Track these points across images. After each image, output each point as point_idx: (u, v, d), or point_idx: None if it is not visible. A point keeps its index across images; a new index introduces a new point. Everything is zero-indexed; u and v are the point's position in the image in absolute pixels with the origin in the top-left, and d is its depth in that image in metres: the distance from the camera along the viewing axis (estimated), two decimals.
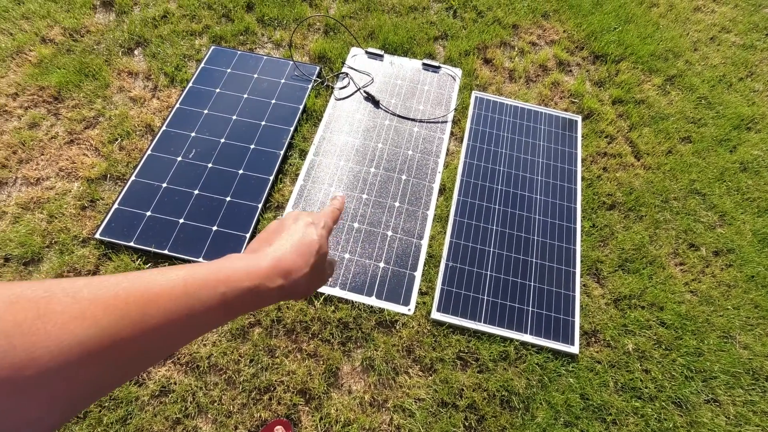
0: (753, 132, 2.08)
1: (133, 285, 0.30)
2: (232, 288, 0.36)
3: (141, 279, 0.31)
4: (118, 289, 0.29)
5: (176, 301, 0.32)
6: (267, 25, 2.12)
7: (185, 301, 0.32)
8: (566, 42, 2.24)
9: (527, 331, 1.51)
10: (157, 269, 0.33)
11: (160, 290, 0.31)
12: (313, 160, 1.77)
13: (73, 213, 1.57)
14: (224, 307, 0.35)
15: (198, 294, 0.33)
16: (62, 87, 1.79)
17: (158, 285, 0.31)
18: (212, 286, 0.34)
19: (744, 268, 1.71)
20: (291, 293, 0.41)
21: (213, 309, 0.34)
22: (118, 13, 2.05)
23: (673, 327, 1.57)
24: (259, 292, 0.38)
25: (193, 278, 0.33)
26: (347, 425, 1.33)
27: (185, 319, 0.32)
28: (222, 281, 0.35)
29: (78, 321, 0.26)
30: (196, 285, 0.33)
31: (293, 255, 0.42)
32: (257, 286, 0.38)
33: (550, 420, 1.38)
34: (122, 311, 0.28)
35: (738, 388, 1.50)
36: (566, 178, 1.83)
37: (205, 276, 0.34)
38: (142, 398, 1.32)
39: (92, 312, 0.27)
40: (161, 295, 0.31)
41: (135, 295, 0.29)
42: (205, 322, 0.34)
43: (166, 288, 0.32)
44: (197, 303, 0.33)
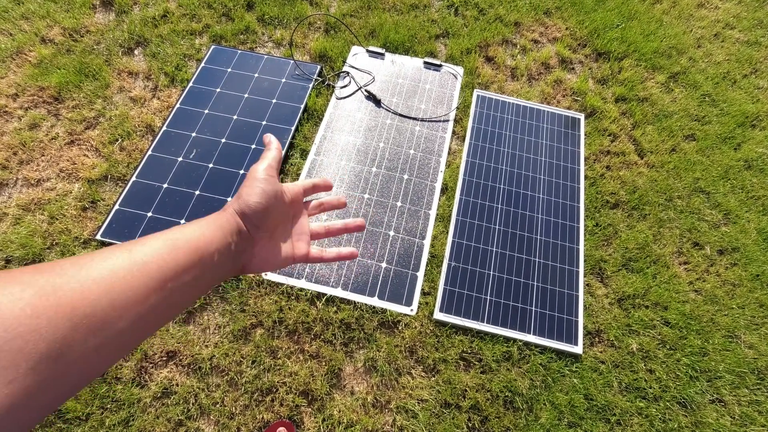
0: (757, 129, 2.06)
1: (122, 260, 0.31)
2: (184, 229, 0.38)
3: (128, 251, 0.32)
4: (114, 269, 0.30)
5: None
6: (267, 24, 2.10)
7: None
8: (569, 39, 2.22)
9: (530, 332, 1.50)
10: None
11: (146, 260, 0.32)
12: (314, 160, 1.76)
13: (74, 214, 1.56)
14: (171, 244, 0.35)
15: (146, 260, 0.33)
16: (62, 87, 1.79)
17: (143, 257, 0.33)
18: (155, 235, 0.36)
19: (749, 266, 1.70)
20: (237, 197, 0.43)
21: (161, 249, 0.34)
22: (118, 13, 2.04)
23: (678, 326, 1.56)
24: (204, 220, 0.40)
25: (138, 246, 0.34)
26: (350, 426, 1.32)
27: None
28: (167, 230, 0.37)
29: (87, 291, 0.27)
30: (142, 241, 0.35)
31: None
32: (199, 220, 0.40)
33: (554, 420, 1.38)
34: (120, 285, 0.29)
35: (743, 388, 1.48)
36: (569, 177, 1.82)
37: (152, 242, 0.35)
38: (144, 400, 1.31)
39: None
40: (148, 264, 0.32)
41: (126, 269, 0.31)
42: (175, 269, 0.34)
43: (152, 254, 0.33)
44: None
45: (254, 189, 0.44)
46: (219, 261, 0.39)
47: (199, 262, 0.36)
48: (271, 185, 0.45)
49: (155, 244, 0.34)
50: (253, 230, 0.43)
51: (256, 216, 0.43)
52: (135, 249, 0.32)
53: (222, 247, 0.39)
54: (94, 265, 0.29)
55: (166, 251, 0.34)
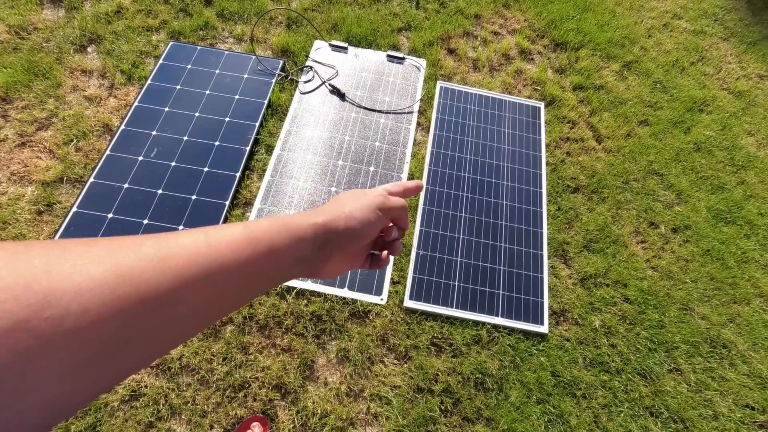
0: (705, 114, 2.17)
1: (178, 244, 0.28)
2: (252, 225, 0.33)
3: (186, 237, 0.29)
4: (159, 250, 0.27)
5: (233, 248, 0.30)
6: (227, 20, 2.07)
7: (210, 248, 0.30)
8: (527, 31, 2.28)
9: (498, 314, 1.54)
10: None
11: (213, 242, 0.29)
12: (280, 155, 1.75)
13: (28, 218, 1.50)
14: (249, 245, 0.32)
15: (220, 242, 0.30)
16: (10, 87, 1.71)
17: (212, 239, 0.29)
18: (231, 231, 0.32)
19: (700, 243, 1.80)
20: (326, 223, 0.38)
21: (238, 248, 0.31)
22: (68, 9, 1.96)
23: (637, 302, 1.64)
24: (287, 224, 0.35)
25: (215, 232, 0.31)
26: (324, 417, 1.33)
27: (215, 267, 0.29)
28: (241, 223, 0.33)
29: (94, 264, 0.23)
30: (217, 237, 0.31)
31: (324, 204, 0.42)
32: (281, 218, 0.36)
33: (523, 398, 1.42)
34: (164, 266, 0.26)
35: (698, 357, 1.57)
36: (531, 164, 1.87)
37: (226, 229, 0.32)
38: (112, 404, 1.28)
39: (107, 256, 0.25)
40: (213, 246, 0.29)
41: (177, 253, 0.27)
42: (236, 270, 0.31)
43: (223, 240, 0.30)
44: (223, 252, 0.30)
45: (363, 213, 0.40)
46: (288, 269, 0.36)
47: (271, 266, 0.34)
48: (380, 217, 0.42)
49: (234, 231, 0.32)
50: (336, 251, 0.40)
51: (347, 240, 0.40)
52: (211, 232, 0.31)
53: (294, 261, 0.36)
54: (171, 240, 0.28)
55: (245, 242, 0.32)
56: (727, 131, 2.12)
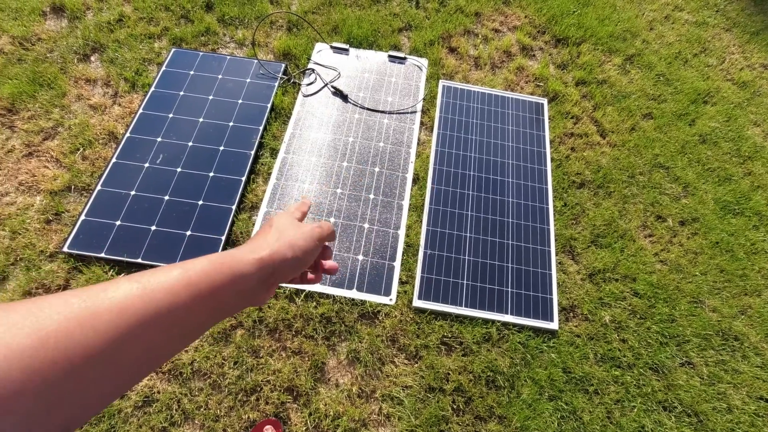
0: (709, 105, 2.16)
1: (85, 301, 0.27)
2: (189, 267, 0.33)
3: (103, 291, 0.29)
4: (72, 308, 0.27)
5: (134, 301, 0.29)
6: (228, 25, 2.08)
7: (138, 293, 0.30)
8: (528, 27, 2.28)
9: (508, 312, 1.54)
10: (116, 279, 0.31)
11: (109, 304, 0.28)
12: (284, 158, 1.75)
13: (37, 228, 1.51)
14: (193, 295, 0.32)
15: (156, 287, 0.31)
16: (15, 98, 1.72)
17: (112, 294, 0.29)
18: (167, 275, 0.32)
19: (708, 235, 1.79)
20: (270, 257, 0.40)
21: (180, 300, 0.31)
22: (71, 19, 1.97)
23: (646, 296, 1.63)
24: (227, 264, 0.36)
25: (147, 277, 0.31)
26: (337, 418, 1.33)
27: (152, 317, 0.29)
28: (177, 266, 0.33)
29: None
30: (151, 272, 0.31)
31: (255, 238, 0.44)
32: (221, 260, 0.36)
33: (535, 395, 1.42)
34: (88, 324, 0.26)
35: (709, 350, 1.56)
36: (536, 160, 1.87)
37: (160, 272, 0.32)
38: (126, 410, 1.28)
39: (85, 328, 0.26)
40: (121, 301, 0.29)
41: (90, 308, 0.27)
42: (175, 318, 0.31)
43: (119, 284, 0.30)
44: (159, 296, 0.30)
45: (306, 242, 0.45)
46: (232, 306, 0.38)
47: (212, 307, 0.35)
48: (318, 245, 0.47)
49: (171, 275, 0.33)
50: (279, 279, 0.42)
51: (291, 270, 0.43)
52: (148, 279, 0.31)
53: (237, 297, 0.38)
54: (101, 294, 0.29)
55: (183, 285, 0.33)
56: (733, 122, 2.11)
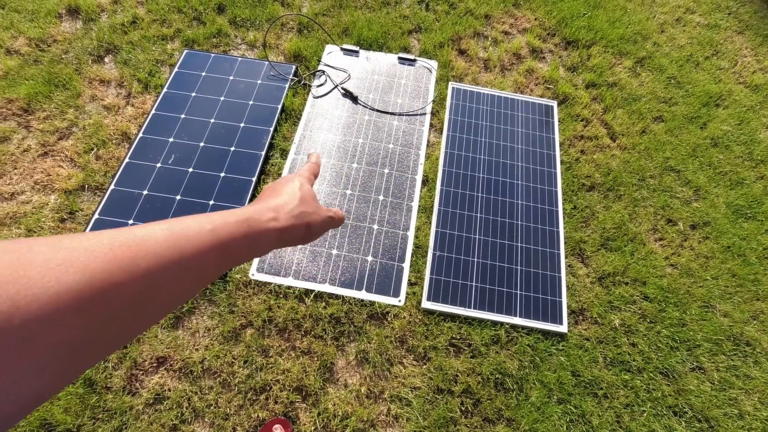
0: (721, 108, 2.14)
1: (118, 235, 0.28)
2: (219, 224, 0.35)
3: (124, 230, 0.30)
4: (101, 238, 0.27)
5: (164, 243, 0.30)
6: (239, 27, 2.10)
7: (174, 242, 0.31)
8: (538, 29, 2.28)
9: (517, 314, 1.53)
10: (143, 224, 0.32)
11: (146, 235, 0.30)
12: (294, 159, 1.76)
13: (51, 226, 1.54)
14: (217, 246, 0.34)
15: (186, 233, 0.32)
16: (31, 99, 1.75)
17: (143, 232, 0.30)
18: (198, 226, 0.34)
19: (720, 239, 1.77)
20: (288, 230, 0.42)
21: (205, 248, 0.33)
22: (85, 21, 2.00)
23: (656, 300, 1.62)
24: (251, 225, 0.38)
25: (179, 224, 0.33)
26: (345, 418, 1.33)
27: (177, 260, 0.31)
28: (208, 220, 0.35)
29: (63, 267, 0.24)
30: (182, 227, 0.33)
31: (278, 190, 0.46)
32: (247, 219, 0.38)
33: (543, 398, 1.41)
34: (109, 257, 0.26)
35: (721, 355, 1.55)
36: (546, 163, 1.87)
37: (189, 220, 0.34)
38: (137, 407, 1.30)
39: (77, 258, 0.25)
40: (147, 239, 0.29)
41: (121, 242, 0.28)
42: (198, 265, 0.33)
43: (152, 233, 0.30)
44: (187, 243, 0.32)
45: (321, 227, 0.47)
46: (243, 259, 0.40)
47: (229, 264, 0.37)
48: (324, 212, 0.48)
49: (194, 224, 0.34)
50: (283, 247, 0.45)
51: (301, 243, 0.46)
52: (175, 224, 0.33)
53: (250, 254, 0.40)
54: (141, 228, 0.31)
55: (214, 251, 0.35)
56: (745, 125, 2.09)
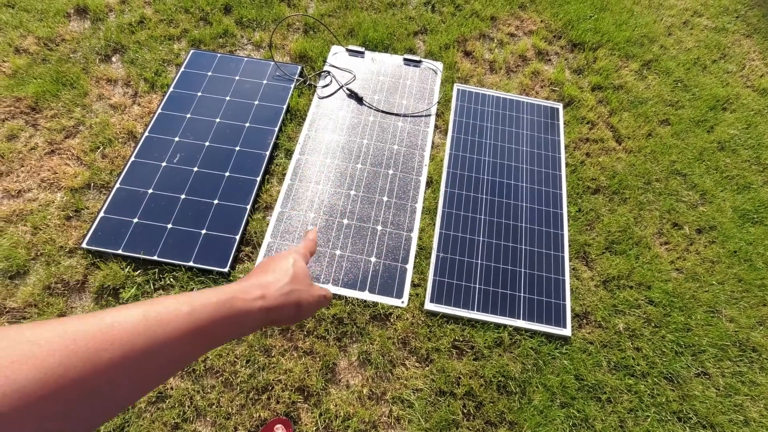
0: (728, 112, 2.13)
1: (84, 324, 0.27)
2: (198, 306, 0.33)
3: (93, 316, 0.29)
4: (66, 327, 0.27)
5: (133, 330, 0.29)
6: (246, 27, 2.11)
7: (145, 328, 0.29)
8: (544, 32, 2.27)
9: (520, 317, 1.53)
10: (118, 306, 0.31)
11: (115, 322, 0.28)
12: (299, 159, 1.77)
13: (57, 224, 1.55)
14: (194, 330, 0.32)
15: (160, 318, 0.30)
16: (39, 97, 1.76)
17: (112, 319, 0.29)
18: (174, 308, 0.32)
19: (726, 244, 1.76)
20: (277, 308, 0.39)
21: (179, 334, 0.31)
22: (93, 21, 2.02)
23: (661, 305, 1.61)
24: (234, 305, 0.35)
25: (154, 306, 0.31)
26: (347, 419, 1.33)
27: (147, 348, 0.29)
28: (187, 302, 0.33)
29: (17, 365, 0.23)
30: (156, 311, 0.31)
31: (269, 267, 0.43)
32: (231, 298, 0.35)
33: (546, 402, 1.41)
34: (70, 349, 0.26)
35: (726, 360, 1.53)
36: (551, 165, 1.86)
37: (167, 302, 0.32)
38: (139, 405, 1.30)
39: (35, 353, 0.24)
40: (115, 327, 0.28)
41: (86, 332, 0.27)
42: (171, 351, 0.31)
43: (123, 319, 0.29)
44: (159, 328, 0.30)
45: (312, 307, 0.44)
46: (227, 339, 0.38)
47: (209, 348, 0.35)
48: (315, 290, 0.46)
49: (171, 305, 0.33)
50: (272, 326, 0.43)
51: (283, 324, 0.44)
52: (151, 308, 0.32)
53: (234, 335, 0.38)
54: (112, 312, 0.30)
55: (191, 334, 0.33)
56: (752, 129, 2.08)
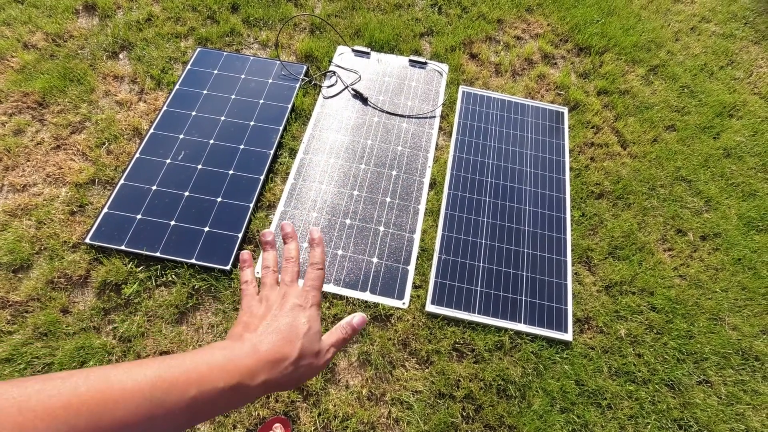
0: (735, 119, 2.12)
1: (92, 389, 0.28)
2: (204, 390, 0.33)
3: (105, 381, 0.29)
4: (72, 395, 0.27)
5: (136, 408, 0.30)
6: (253, 26, 2.11)
7: (147, 407, 0.30)
8: (550, 35, 2.27)
9: (521, 321, 1.52)
10: (128, 365, 0.31)
11: (121, 395, 0.29)
12: (303, 159, 1.77)
13: (61, 218, 1.55)
14: (191, 411, 0.33)
15: (163, 398, 0.31)
16: (46, 92, 1.77)
17: (121, 388, 0.29)
18: (182, 388, 0.32)
19: (730, 251, 1.75)
20: (278, 385, 0.38)
21: (177, 414, 0.32)
22: (102, 17, 2.03)
23: (664, 311, 1.60)
24: (237, 391, 0.35)
25: (162, 379, 0.31)
26: (345, 420, 1.33)
27: (143, 425, 0.30)
28: (194, 382, 0.33)
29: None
30: (163, 387, 0.31)
31: (280, 342, 0.39)
32: (235, 385, 0.35)
33: (546, 407, 1.40)
34: (70, 423, 0.26)
35: (728, 369, 1.52)
36: (555, 169, 1.85)
37: (177, 376, 0.32)
38: None
39: (33, 425, 0.25)
40: (120, 401, 0.29)
41: (90, 401, 0.28)
42: (165, 429, 0.32)
43: (130, 392, 0.30)
44: (159, 410, 0.31)
45: (313, 373, 0.41)
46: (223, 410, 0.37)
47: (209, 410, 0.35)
48: (323, 361, 0.42)
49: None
50: (273, 391, 0.41)
51: (285, 389, 0.41)
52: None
53: (228, 407, 0.37)
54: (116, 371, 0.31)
55: (188, 414, 0.33)
56: (759, 137, 2.06)
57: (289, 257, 0.47)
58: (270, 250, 0.49)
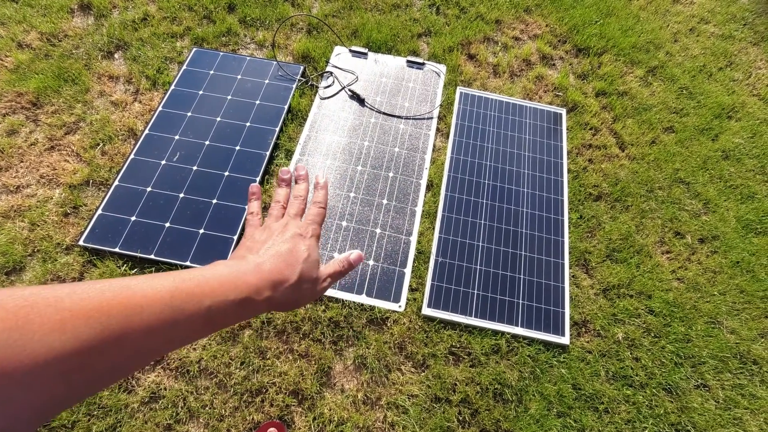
0: (734, 120, 2.11)
1: (118, 295, 0.30)
2: (217, 301, 0.36)
3: (127, 288, 0.31)
4: (102, 299, 0.29)
5: (160, 313, 0.31)
6: (249, 26, 2.10)
7: (169, 313, 0.32)
8: (549, 36, 2.26)
9: (518, 324, 1.51)
10: (144, 276, 0.33)
11: (145, 301, 0.31)
12: (299, 160, 1.76)
13: (55, 220, 1.54)
14: (208, 320, 0.35)
15: (183, 306, 0.33)
16: (41, 93, 1.76)
17: (143, 295, 0.31)
18: (198, 299, 0.34)
19: (729, 254, 1.74)
20: (279, 304, 0.41)
21: (196, 321, 0.34)
22: (97, 17, 2.01)
23: (662, 314, 1.59)
24: (245, 305, 0.38)
25: (179, 290, 0.33)
26: (341, 424, 1.32)
27: (167, 330, 0.32)
28: (208, 294, 0.35)
29: (57, 333, 0.25)
30: (181, 297, 0.33)
31: (281, 265, 0.42)
32: (244, 299, 0.38)
33: (543, 411, 1.39)
34: (104, 323, 0.28)
35: (726, 373, 1.52)
36: (552, 171, 1.84)
37: (192, 289, 0.34)
38: (132, 405, 1.30)
39: (73, 324, 0.26)
40: (145, 306, 0.31)
41: (118, 306, 0.29)
42: (186, 335, 0.34)
43: (152, 299, 0.31)
44: (181, 315, 0.33)
45: (311, 297, 0.44)
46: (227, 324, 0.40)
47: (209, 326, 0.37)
48: (320, 288, 0.45)
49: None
50: (275, 309, 0.43)
51: (286, 308, 0.43)
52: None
53: (234, 320, 0.39)
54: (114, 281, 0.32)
55: (204, 324, 0.35)
56: (758, 138, 2.05)
57: (298, 195, 0.50)
58: (284, 186, 0.52)
